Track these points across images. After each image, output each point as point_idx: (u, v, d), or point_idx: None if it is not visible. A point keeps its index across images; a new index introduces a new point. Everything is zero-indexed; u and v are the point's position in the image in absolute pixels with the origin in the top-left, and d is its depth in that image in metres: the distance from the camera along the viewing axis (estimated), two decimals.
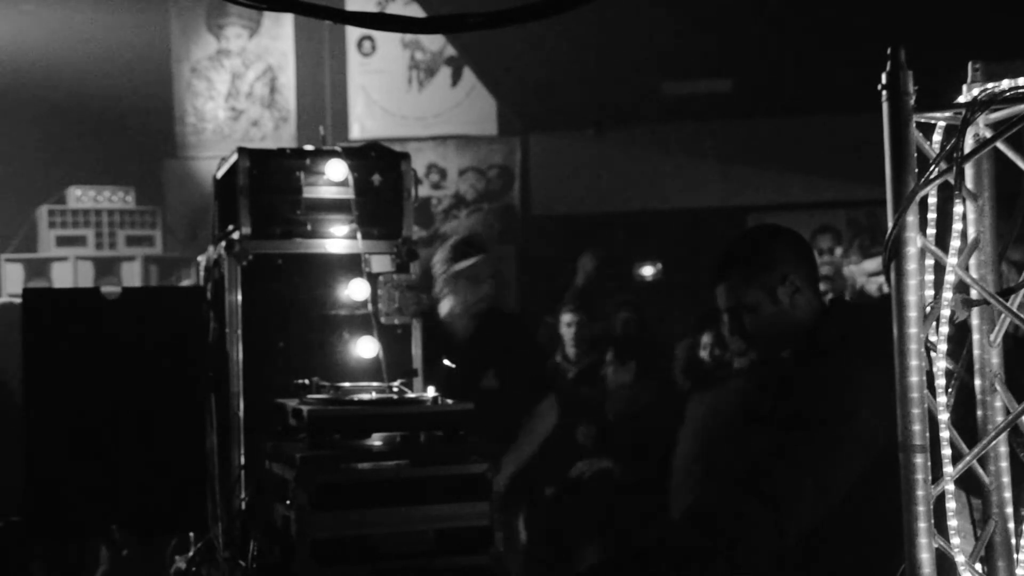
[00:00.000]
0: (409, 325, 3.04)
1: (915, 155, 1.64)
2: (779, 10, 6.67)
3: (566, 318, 6.55)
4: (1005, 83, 1.65)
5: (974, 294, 1.71)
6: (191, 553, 2.94)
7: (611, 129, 9.76)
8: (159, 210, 8.82)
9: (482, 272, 4.49)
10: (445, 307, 4.51)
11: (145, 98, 9.55)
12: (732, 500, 2.56)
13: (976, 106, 1.66)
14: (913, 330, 1.61)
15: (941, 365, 1.68)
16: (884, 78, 1.64)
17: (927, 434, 1.62)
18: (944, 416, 1.67)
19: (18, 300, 4.16)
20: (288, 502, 2.32)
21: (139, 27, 9.63)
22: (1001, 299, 1.66)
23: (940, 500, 1.65)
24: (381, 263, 3.07)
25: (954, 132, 1.67)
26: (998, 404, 1.74)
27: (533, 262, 9.80)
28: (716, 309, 2.94)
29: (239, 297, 2.92)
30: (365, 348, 2.97)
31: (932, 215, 1.69)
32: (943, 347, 1.68)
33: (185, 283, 7.85)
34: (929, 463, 1.62)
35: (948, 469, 1.66)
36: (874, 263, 9.05)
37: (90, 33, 9.14)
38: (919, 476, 1.61)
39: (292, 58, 10.30)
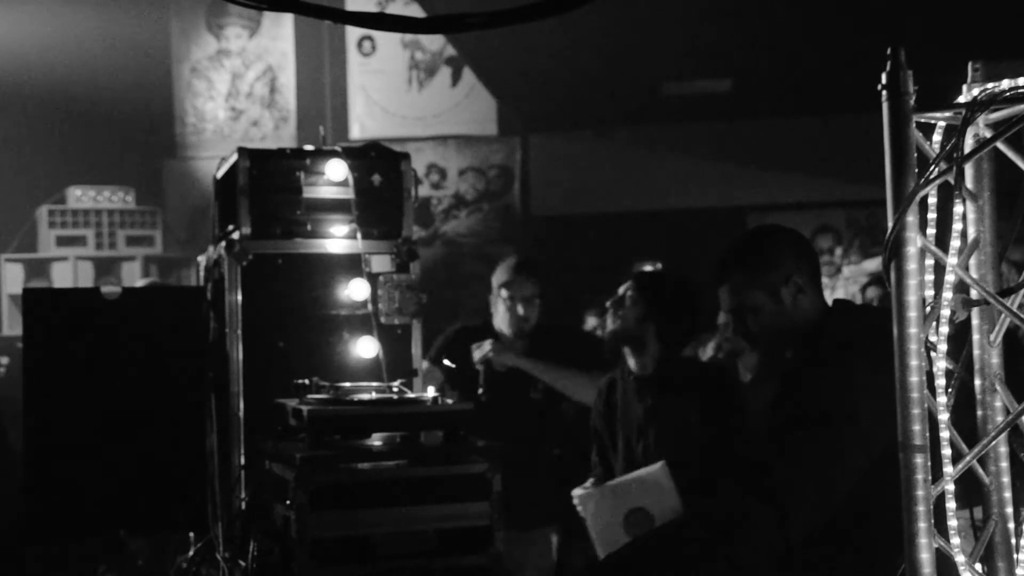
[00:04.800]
0: (409, 325, 3.04)
1: (915, 155, 1.64)
2: (779, 10, 6.67)
3: (590, 322, 6.60)
4: (1005, 83, 1.65)
5: (974, 294, 1.71)
6: (191, 553, 2.94)
7: (611, 129, 9.76)
8: (159, 210, 8.82)
9: (533, 293, 4.64)
10: (496, 322, 4.68)
11: (145, 98, 9.54)
12: (734, 499, 2.56)
13: (976, 106, 1.66)
14: (913, 330, 1.61)
15: (941, 365, 1.68)
16: (884, 78, 1.64)
17: (927, 434, 1.62)
18: (944, 416, 1.66)
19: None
20: (288, 502, 2.32)
21: (139, 27, 9.62)
22: (1001, 299, 1.66)
23: (940, 500, 1.65)
24: (381, 263, 3.07)
25: (954, 132, 1.67)
26: (998, 404, 1.74)
27: None
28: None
29: (239, 297, 2.92)
30: (365, 348, 2.97)
31: (932, 215, 1.69)
32: (943, 347, 1.68)
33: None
34: (929, 463, 1.62)
35: (948, 469, 1.65)
36: (874, 263, 9.03)
37: (90, 33, 9.13)
38: (919, 476, 1.61)
39: (292, 58, 10.29)
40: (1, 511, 4.02)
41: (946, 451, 1.66)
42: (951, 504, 1.66)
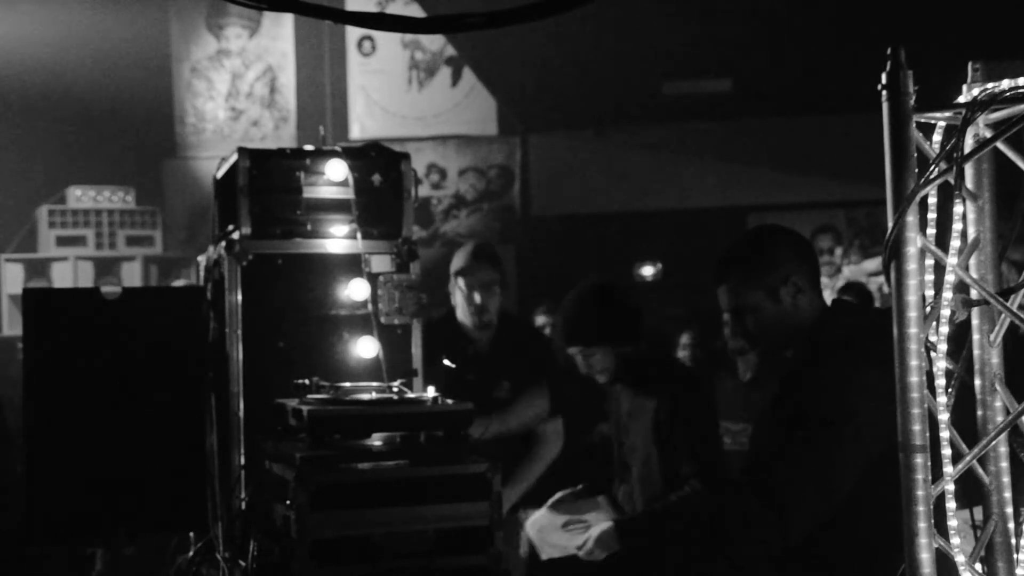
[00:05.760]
0: (409, 325, 3.04)
1: (915, 155, 1.64)
2: (779, 10, 6.67)
3: (539, 320, 6.58)
4: (1005, 83, 1.65)
5: (974, 294, 1.71)
6: (191, 553, 2.94)
7: (611, 129, 9.76)
8: (159, 210, 8.82)
9: (491, 280, 4.44)
10: (459, 315, 4.48)
11: (145, 98, 9.54)
12: (733, 500, 2.57)
13: (976, 106, 1.66)
14: (913, 330, 1.61)
15: (941, 365, 1.68)
16: (884, 78, 1.64)
17: (927, 434, 1.62)
18: (944, 416, 1.67)
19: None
20: (288, 502, 2.32)
21: (139, 27, 9.63)
22: (1001, 299, 1.66)
23: (940, 500, 1.65)
24: (381, 263, 3.07)
25: (954, 132, 1.67)
26: (998, 404, 1.74)
27: (533, 262, 9.81)
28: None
29: (239, 297, 2.92)
30: (365, 348, 2.97)
31: (932, 215, 1.69)
32: (943, 347, 1.68)
33: (179, 283, 7.85)
34: (929, 463, 1.62)
35: (948, 469, 1.66)
36: (874, 263, 9.05)
37: (90, 33, 9.13)
38: (919, 476, 1.61)
39: (292, 58, 10.29)
40: (1, 511, 4.02)
41: (946, 451, 1.66)
42: (951, 504, 1.66)
